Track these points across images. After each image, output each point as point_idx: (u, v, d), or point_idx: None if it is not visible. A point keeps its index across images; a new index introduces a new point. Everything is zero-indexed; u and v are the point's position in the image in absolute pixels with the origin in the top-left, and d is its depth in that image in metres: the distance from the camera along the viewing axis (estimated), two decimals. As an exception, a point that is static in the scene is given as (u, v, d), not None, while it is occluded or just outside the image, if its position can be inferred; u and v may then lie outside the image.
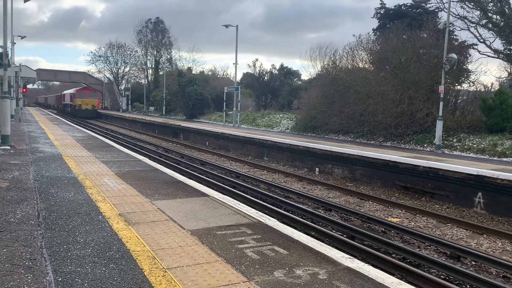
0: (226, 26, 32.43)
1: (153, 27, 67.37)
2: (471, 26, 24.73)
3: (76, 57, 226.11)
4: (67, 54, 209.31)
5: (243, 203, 7.79)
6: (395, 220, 9.96)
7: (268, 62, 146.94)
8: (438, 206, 11.52)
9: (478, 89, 21.71)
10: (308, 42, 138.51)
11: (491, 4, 24.55)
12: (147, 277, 3.69)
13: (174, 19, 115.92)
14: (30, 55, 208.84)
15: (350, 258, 4.44)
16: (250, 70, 51.81)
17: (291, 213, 9.69)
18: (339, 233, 8.41)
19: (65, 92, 68.23)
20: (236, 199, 7.96)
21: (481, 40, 24.75)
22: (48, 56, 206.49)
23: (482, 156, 15.64)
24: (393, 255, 7.36)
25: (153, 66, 67.21)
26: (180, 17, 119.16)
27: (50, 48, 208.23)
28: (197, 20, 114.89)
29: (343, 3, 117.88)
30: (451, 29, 22.45)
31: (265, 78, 48.72)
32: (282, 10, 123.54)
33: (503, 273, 6.92)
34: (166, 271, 3.83)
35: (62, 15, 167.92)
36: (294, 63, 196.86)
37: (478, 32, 24.82)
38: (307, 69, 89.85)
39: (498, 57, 25.23)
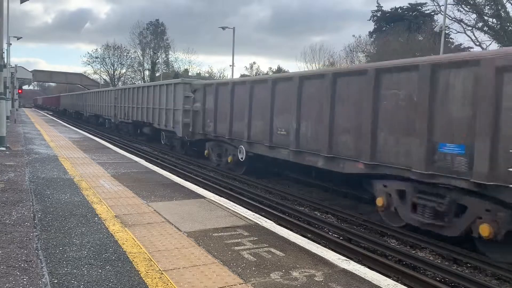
0: (223, 28, 32.49)
1: (153, 29, 67.36)
2: (467, 29, 24.95)
3: (78, 58, 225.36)
4: (68, 56, 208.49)
5: (240, 205, 7.78)
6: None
7: (269, 64, 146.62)
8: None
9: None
10: (312, 44, 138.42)
11: (487, 7, 24.72)
12: (144, 279, 3.69)
13: (179, 21, 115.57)
14: (31, 57, 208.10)
15: (346, 260, 4.46)
16: (247, 72, 51.96)
17: (287, 215, 9.69)
18: (336, 235, 8.41)
19: None
20: (232, 201, 7.96)
21: (477, 43, 24.97)
22: (49, 58, 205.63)
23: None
24: (389, 257, 7.37)
25: (149, 67, 67.19)
26: (186, 19, 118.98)
27: (51, 49, 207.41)
28: (203, 23, 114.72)
29: (352, 5, 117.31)
30: (447, 32, 22.59)
31: (262, 80, 48.74)
32: (289, 13, 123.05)
33: (498, 275, 6.94)
34: (162, 273, 3.82)
35: (66, 17, 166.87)
36: (293, 66, 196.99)
37: (474, 35, 25.04)
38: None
39: (493, 60, 25.34)
